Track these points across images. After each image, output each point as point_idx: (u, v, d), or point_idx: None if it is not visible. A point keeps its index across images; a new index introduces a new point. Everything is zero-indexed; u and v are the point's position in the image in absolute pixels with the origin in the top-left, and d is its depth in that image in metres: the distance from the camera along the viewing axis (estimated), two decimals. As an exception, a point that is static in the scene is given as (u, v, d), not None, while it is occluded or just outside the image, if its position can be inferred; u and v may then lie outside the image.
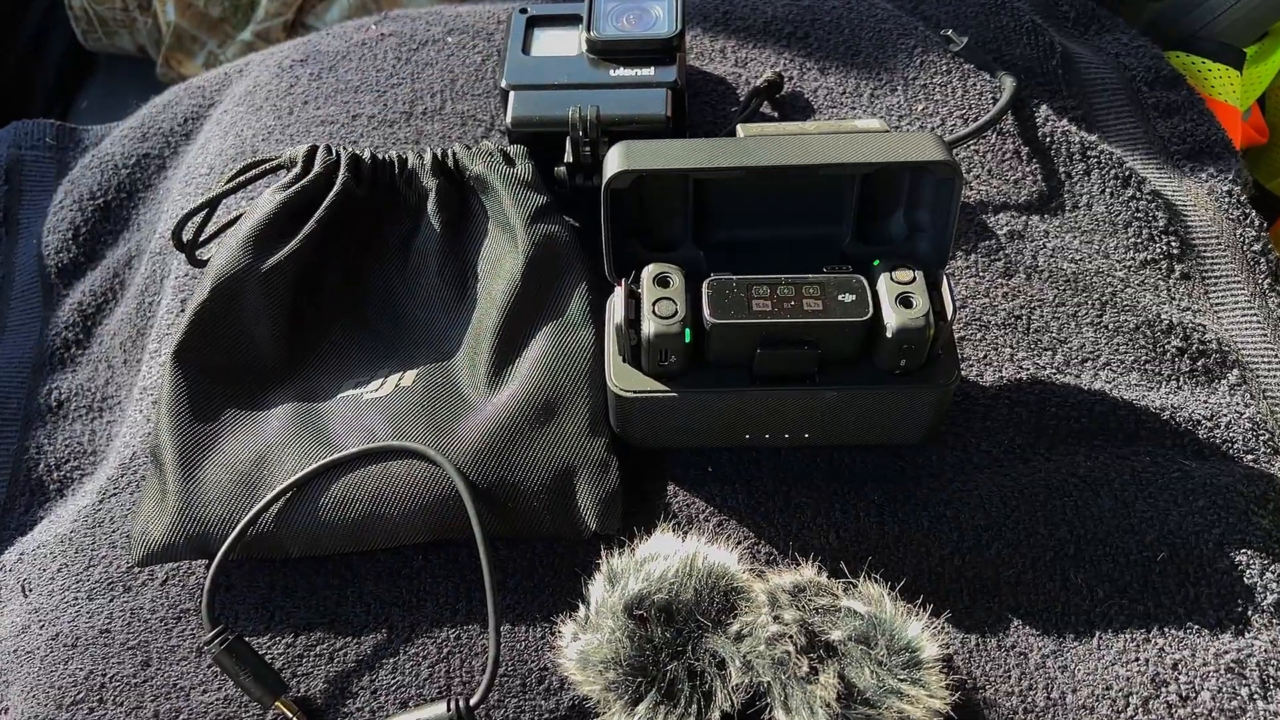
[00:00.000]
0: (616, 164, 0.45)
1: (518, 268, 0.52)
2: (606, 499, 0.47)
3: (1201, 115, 0.67)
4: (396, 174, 0.55)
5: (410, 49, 0.69)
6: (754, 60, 0.66)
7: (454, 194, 0.55)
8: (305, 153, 0.54)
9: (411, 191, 0.55)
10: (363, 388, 0.51)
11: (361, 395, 0.51)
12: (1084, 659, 0.45)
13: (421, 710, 0.43)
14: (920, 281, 0.45)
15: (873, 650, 0.41)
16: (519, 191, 0.53)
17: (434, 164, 0.55)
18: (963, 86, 0.64)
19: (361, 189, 0.54)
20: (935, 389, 0.46)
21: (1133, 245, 0.59)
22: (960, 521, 0.48)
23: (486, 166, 0.54)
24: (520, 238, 0.52)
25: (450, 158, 0.55)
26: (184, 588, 0.48)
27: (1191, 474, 0.50)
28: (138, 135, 0.71)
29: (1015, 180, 0.61)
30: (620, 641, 0.41)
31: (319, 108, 0.66)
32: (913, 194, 0.48)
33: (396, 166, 0.55)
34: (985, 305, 0.55)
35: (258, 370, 0.52)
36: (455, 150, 0.55)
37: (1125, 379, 0.53)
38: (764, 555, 0.48)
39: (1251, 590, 0.47)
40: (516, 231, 0.52)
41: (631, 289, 0.46)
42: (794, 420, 0.48)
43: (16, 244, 0.70)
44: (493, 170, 0.54)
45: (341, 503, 0.46)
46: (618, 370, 0.47)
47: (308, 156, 0.54)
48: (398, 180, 0.55)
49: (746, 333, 0.44)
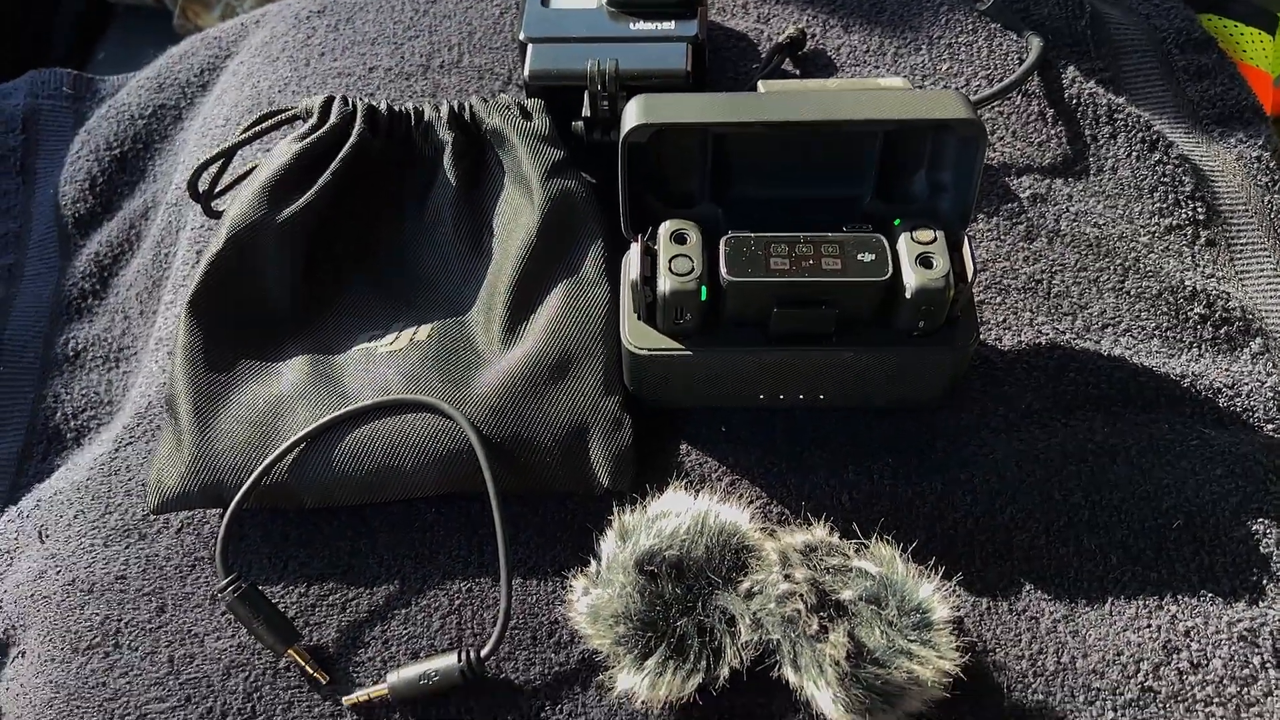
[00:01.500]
0: (635, 117, 0.44)
1: (533, 223, 0.51)
2: (619, 456, 0.47)
3: (1232, 80, 0.66)
4: (413, 126, 0.55)
5: (428, 1, 0.68)
6: (776, 16, 0.65)
7: (470, 148, 0.54)
8: (321, 103, 0.54)
9: (427, 144, 0.55)
10: (377, 341, 0.51)
11: (376, 348, 0.51)
12: (1095, 624, 0.45)
13: (433, 660, 0.44)
14: (941, 242, 0.45)
15: (883, 611, 0.41)
16: (536, 146, 0.53)
17: (450, 117, 0.54)
18: (988, 46, 0.63)
19: (377, 141, 0.54)
20: (953, 351, 0.46)
21: (1158, 210, 0.58)
22: (974, 485, 0.48)
23: (503, 120, 0.54)
24: (536, 193, 0.52)
25: (467, 111, 0.54)
26: (198, 536, 0.49)
27: (1210, 442, 0.49)
28: (154, 86, 0.71)
29: (1040, 142, 0.60)
30: (631, 597, 0.41)
31: (335, 60, 0.65)
32: (935, 153, 0.47)
33: (413, 119, 0.55)
34: (1006, 268, 0.55)
35: (272, 321, 0.52)
36: (472, 103, 0.55)
37: (1146, 346, 0.53)
38: (776, 515, 0.48)
39: (1267, 559, 0.46)
40: (532, 186, 0.52)
41: (648, 245, 0.46)
42: (809, 380, 0.48)
43: (34, 194, 0.70)
44: (509, 124, 0.53)
45: (355, 455, 0.47)
46: (633, 328, 0.46)
47: (324, 107, 0.54)
48: (414, 133, 0.55)
49: (763, 291, 0.44)
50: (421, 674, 0.43)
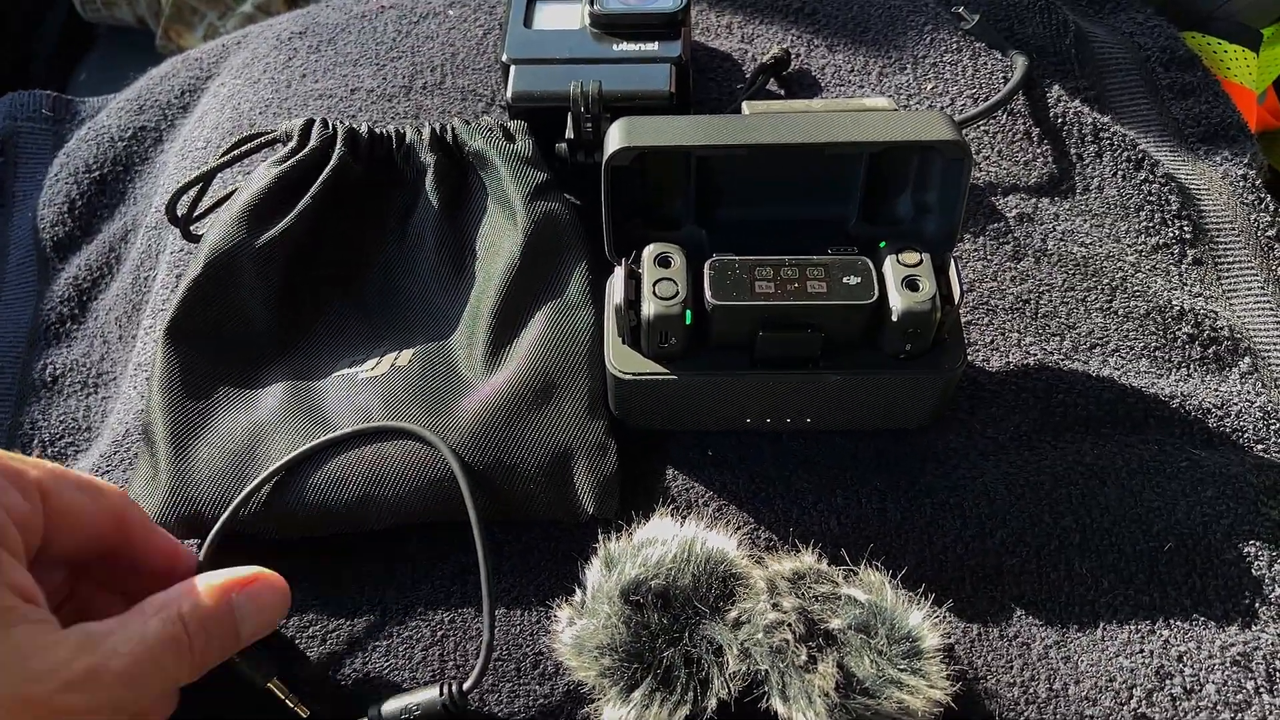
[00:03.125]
0: (617, 140, 0.44)
1: (517, 246, 0.51)
2: (604, 482, 0.47)
3: (1217, 97, 0.66)
4: (394, 149, 0.54)
5: (411, 22, 0.68)
6: (761, 36, 0.65)
7: (452, 170, 0.54)
8: (301, 126, 0.53)
9: (409, 167, 0.54)
10: (358, 367, 0.50)
11: (357, 374, 0.50)
12: (1087, 650, 0.44)
13: (414, 694, 0.43)
14: (927, 264, 0.44)
15: (873, 639, 0.40)
16: (519, 168, 0.52)
17: (432, 139, 0.54)
18: (973, 65, 0.63)
19: (358, 164, 0.53)
20: (940, 374, 0.45)
21: (1144, 229, 0.58)
22: (964, 509, 0.48)
23: (486, 142, 0.53)
24: (520, 216, 0.51)
25: (449, 133, 0.54)
26: (176, 567, 0.48)
27: (1200, 463, 0.49)
28: (134, 108, 0.70)
29: (1025, 162, 0.60)
30: (616, 627, 0.40)
31: (317, 81, 0.65)
32: (921, 174, 0.47)
33: (394, 141, 0.54)
34: (993, 289, 0.54)
35: (251, 347, 0.51)
36: (454, 125, 0.54)
37: (1134, 366, 0.52)
38: (764, 541, 0.47)
39: (1259, 582, 0.46)
40: (516, 209, 0.52)
41: (632, 269, 0.45)
42: (796, 404, 0.47)
43: (11, 217, 0.69)
44: (492, 146, 0.53)
45: (336, 483, 0.46)
46: (617, 352, 0.46)
47: (304, 130, 0.53)
48: (395, 155, 0.54)
49: (748, 315, 0.43)
50: (403, 708, 0.42)
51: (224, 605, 0.39)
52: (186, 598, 0.39)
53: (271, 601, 0.41)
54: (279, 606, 0.42)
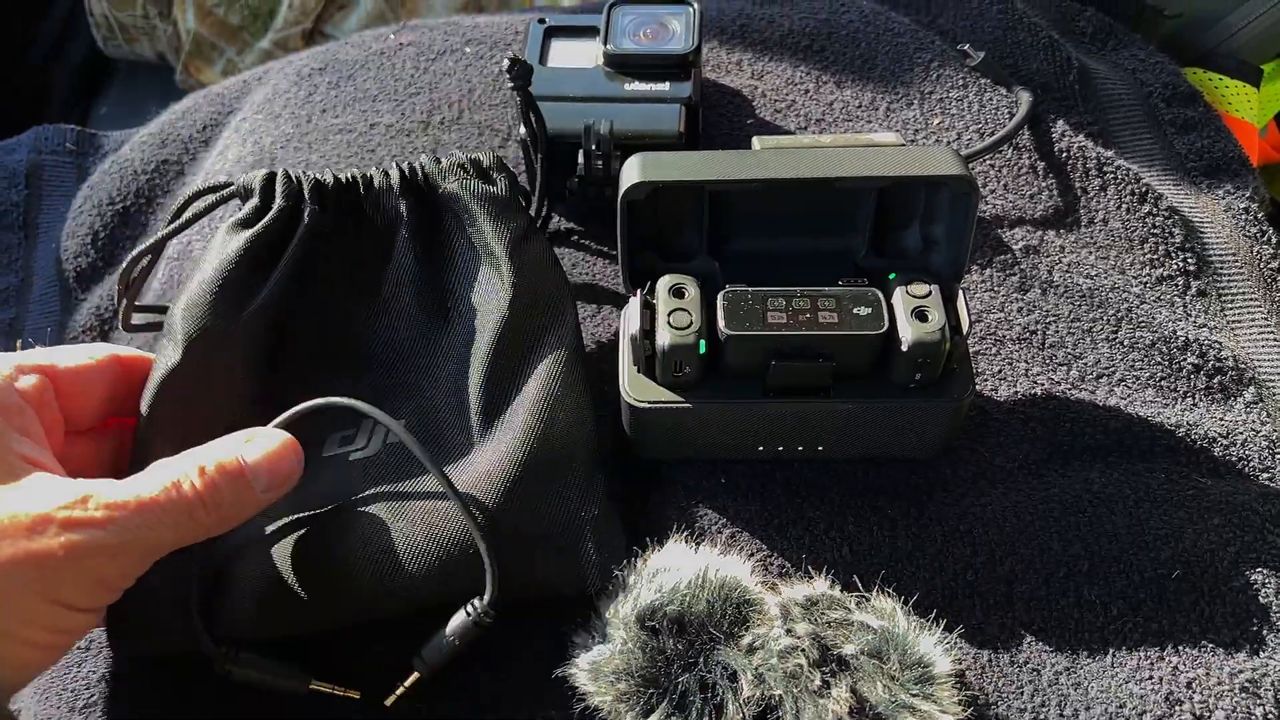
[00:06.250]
0: (633, 175, 0.45)
1: (504, 301, 0.48)
2: (609, 554, 0.45)
3: (1219, 132, 0.67)
4: (362, 195, 0.50)
5: (428, 59, 0.69)
6: (770, 73, 0.67)
7: (426, 216, 0.50)
8: (262, 180, 0.48)
9: (379, 214, 0.50)
10: (349, 445, 0.48)
11: (349, 455, 0.47)
12: (1097, 676, 0.45)
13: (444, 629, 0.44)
14: (936, 295, 0.45)
15: (885, 665, 0.41)
16: (497, 214, 0.49)
17: (402, 183, 0.49)
18: (979, 101, 0.64)
19: (327, 217, 0.49)
20: (950, 403, 0.46)
21: (1149, 261, 0.59)
22: (974, 536, 0.48)
23: (459, 184, 0.49)
24: (504, 266, 0.48)
25: (420, 173, 0.50)
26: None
27: (1207, 492, 0.50)
28: (157, 141, 0.72)
29: (1031, 195, 0.61)
30: (632, 652, 0.41)
31: (337, 116, 0.66)
32: (929, 208, 0.48)
33: (362, 187, 0.50)
34: (1000, 320, 0.55)
35: (236, 428, 0.45)
36: (423, 164, 0.50)
37: (1140, 395, 0.53)
38: (776, 568, 0.48)
39: (1267, 609, 0.46)
40: (499, 258, 0.48)
41: (647, 299, 0.46)
42: (808, 432, 0.48)
43: (35, 248, 0.70)
44: (466, 189, 0.49)
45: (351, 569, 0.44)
46: (632, 380, 0.47)
47: (265, 185, 0.48)
48: (364, 203, 0.50)
49: (761, 345, 0.44)
50: (442, 643, 0.43)
51: (233, 463, 0.41)
52: (192, 458, 0.41)
53: (280, 454, 0.42)
54: (288, 457, 0.43)
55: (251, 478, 0.41)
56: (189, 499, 0.39)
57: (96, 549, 0.37)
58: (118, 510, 0.38)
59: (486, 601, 0.43)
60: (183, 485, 0.39)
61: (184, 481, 0.39)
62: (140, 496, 0.38)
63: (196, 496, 0.40)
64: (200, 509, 0.40)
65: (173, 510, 0.39)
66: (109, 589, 0.39)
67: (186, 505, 0.39)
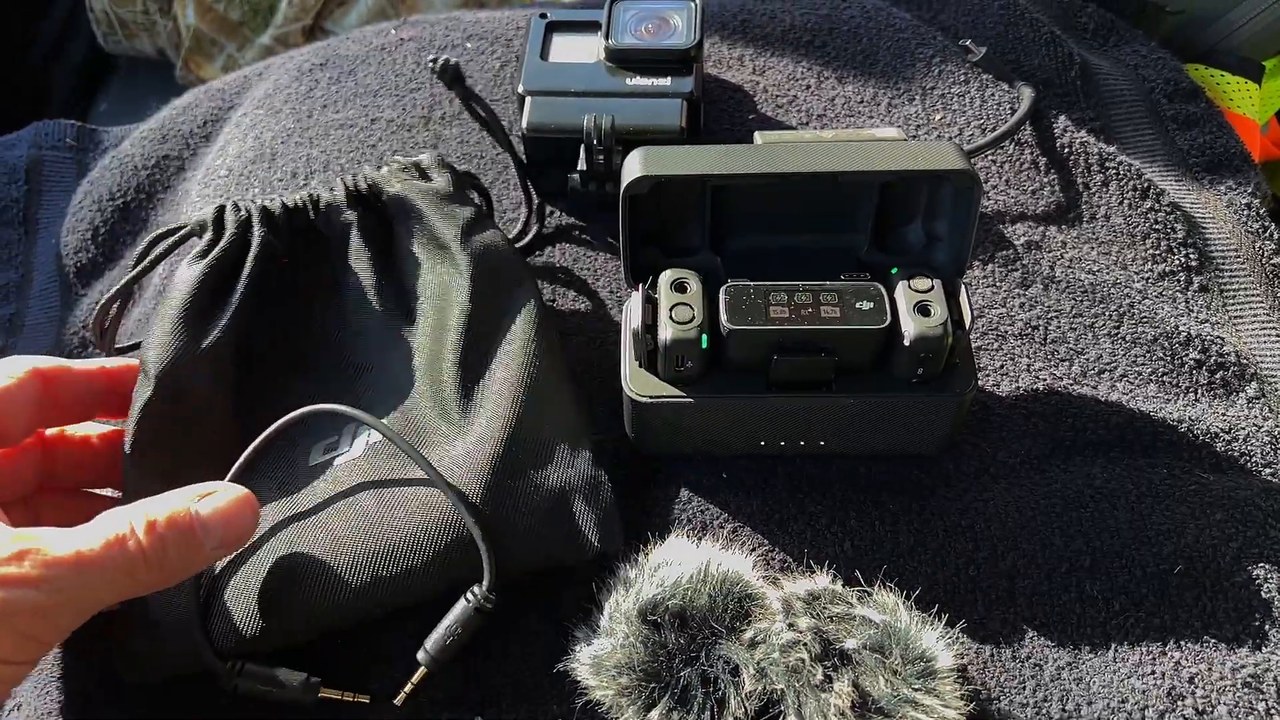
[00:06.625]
0: (635, 170, 0.45)
1: (464, 290, 0.49)
2: (604, 515, 0.46)
3: (1220, 128, 0.67)
4: (312, 216, 0.52)
5: (429, 54, 0.69)
6: (772, 69, 0.67)
7: (376, 223, 0.52)
8: (214, 214, 0.50)
9: (332, 229, 0.52)
10: (333, 452, 0.48)
11: (334, 460, 0.48)
12: (1099, 671, 0.45)
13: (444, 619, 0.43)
14: (938, 290, 0.45)
15: (887, 659, 0.41)
16: (443, 207, 0.51)
17: (349, 196, 0.51)
18: (981, 97, 0.64)
19: (281, 240, 0.51)
20: (952, 398, 0.46)
21: (1151, 257, 0.59)
22: (976, 531, 0.48)
23: (404, 186, 0.51)
24: (458, 256, 0.49)
25: (364, 182, 0.52)
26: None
27: (1209, 487, 0.50)
28: (157, 137, 0.72)
29: (1033, 191, 0.61)
30: (634, 647, 0.41)
31: (338, 111, 0.66)
32: (931, 203, 0.48)
33: (311, 209, 0.52)
34: (1002, 315, 0.55)
35: (220, 457, 0.47)
36: (367, 174, 0.52)
37: (1142, 391, 0.53)
38: (778, 562, 0.48)
39: (1269, 604, 0.46)
40: (452, 250, 0.50)
41: (649, 294, 0.46)
42: (810, 427, 0.48)
43: (35, 244, 0.70)
44: (411, 189, 0.51)
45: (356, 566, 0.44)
46: (634, 375, 0.47)
47: (216, 218, 0.50)
48: (315, 222, 0.52)
49: (763, 339, 0.44)
50: (445, 634, 0.43)
51: (184, 517, 0.39)
52: (141, 510, 0.39)
53: (235, 510, 0.40)
54: (243, 513, 0.41)
55: (203, 534, 0.39)
56: (132, 556, 0.37)
57: (29, 608, 0.35)
58: (54, 568, 0.36)
59: (486, 586, 0.43)
60: (127, 541, 0.37)
61: (129, 537, 0.38)
62: (80, 551, 0.36)
63: (140, 553, 0.38)
64: (143, 567, 0.38)
65: (113, 568, 0.37)
66: (40, 644, 0.37)
67: (128, 562, 0.37)
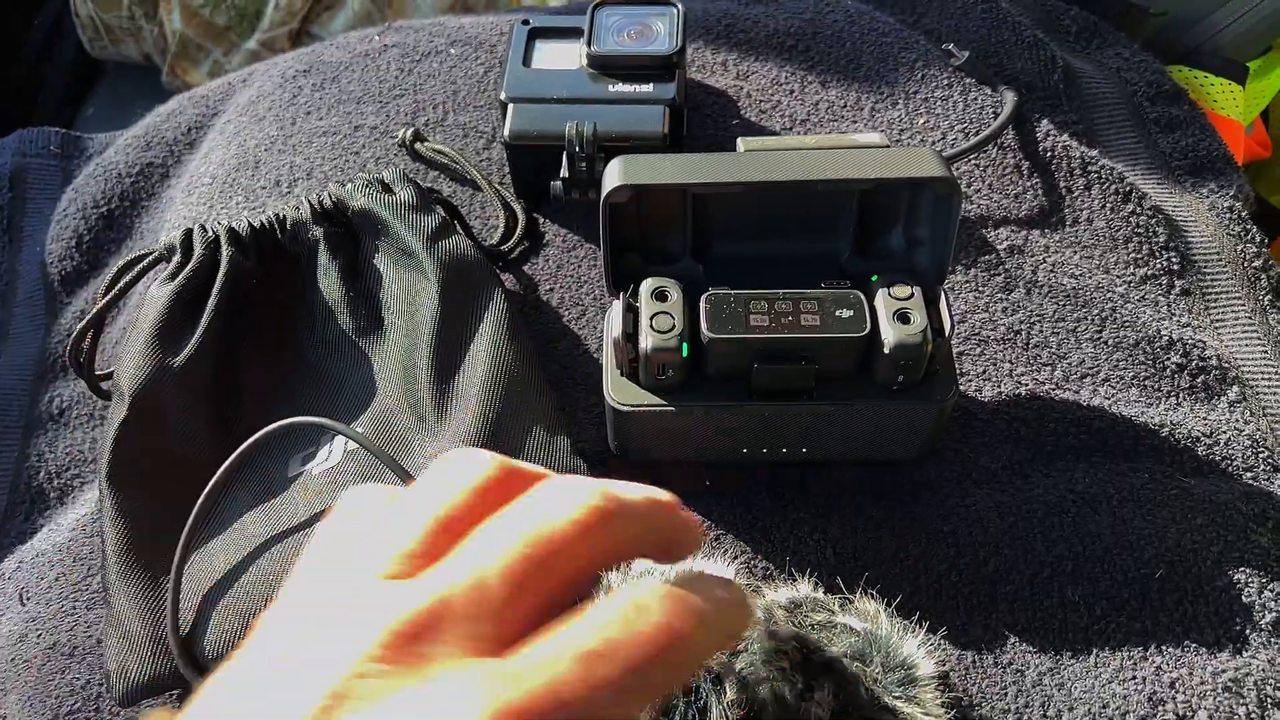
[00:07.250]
0: (615, 178, 0.45)
1: (433, 295, 0.50)
2: None
3: (1203, 130, 0.67)
4: (279, 234, 0.53)
5: (413, 60, 0.69)
6: (755, 74, 0.67)
7: (343, 237, 0.53)
8: (181, 237, 0.52)
9: (300, 246, 0.53)
10: (311, 462, 0.49)
11: (313, 470, 0.49)
12: (1081, 677, 0.45)
13: None
14: (918, 297, 0.45)
15: (869, 668, 0.41)
16: (408, 217, 0.52)
17: (314, 213, 0.53)
18: (964, 101, 0.64)
19: (250, 259, 0.52)
20: (933, 405, 0.46)
21: (1133, 261, 0.59)
22: (958, 537, 0.48)
23: (368, 200, 0.52)
24: (425, 262, 0.51)
25: (329, 199, 0.53)
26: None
27: (1190, 491, 0.50)
28: (141, 144, 0.71)
29: (1016, 195, 0.61)
30: (615, 656, 0.41)
31: (321, 118, 0.66)
32: (912, 209, 0.48)
33: (277, 229, 0.53)
34: (984, 320, 0.55)
35: (200, 473, 0.48)
36: (332, 191, 0.53)
37: (1124, 395, 0.53)
38: (760, 570, 0.48)
39: (1250, 609, 0.46)
40: (419, 257, 0.51)
41: (630, 303, 0.46)
42: (791, 435, 0.48)
43: (20, 252, 0.70)
44: (375, 202, 0.52)
45: None
46: (615, 383, 0.47)
47: (185, 241, 0.52)
48: (282, 240, 0.53)
49: (744, 347, 0.44)
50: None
51: None
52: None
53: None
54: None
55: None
56: None
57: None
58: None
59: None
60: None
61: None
62: None
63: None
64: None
65: None
66: None
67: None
